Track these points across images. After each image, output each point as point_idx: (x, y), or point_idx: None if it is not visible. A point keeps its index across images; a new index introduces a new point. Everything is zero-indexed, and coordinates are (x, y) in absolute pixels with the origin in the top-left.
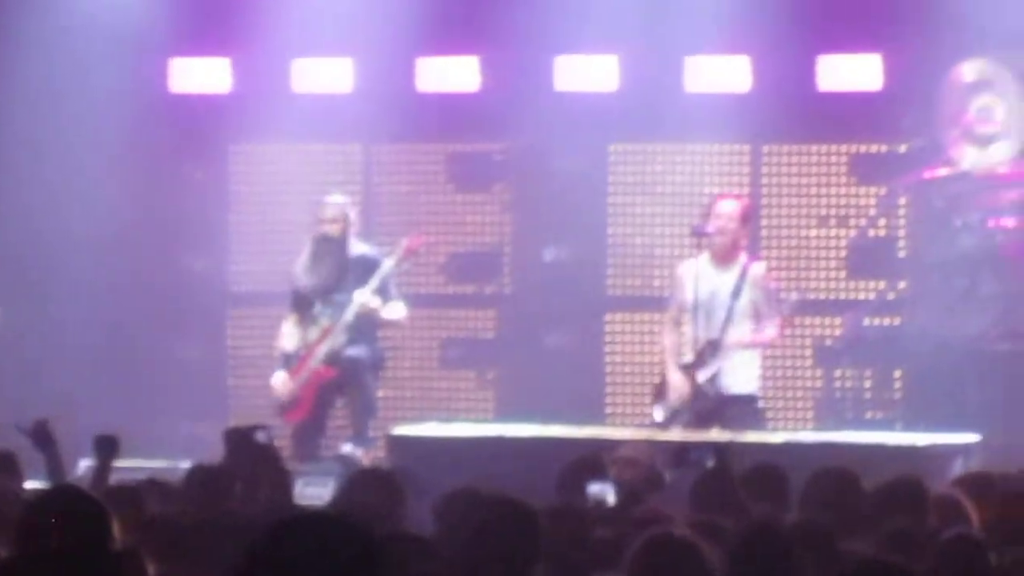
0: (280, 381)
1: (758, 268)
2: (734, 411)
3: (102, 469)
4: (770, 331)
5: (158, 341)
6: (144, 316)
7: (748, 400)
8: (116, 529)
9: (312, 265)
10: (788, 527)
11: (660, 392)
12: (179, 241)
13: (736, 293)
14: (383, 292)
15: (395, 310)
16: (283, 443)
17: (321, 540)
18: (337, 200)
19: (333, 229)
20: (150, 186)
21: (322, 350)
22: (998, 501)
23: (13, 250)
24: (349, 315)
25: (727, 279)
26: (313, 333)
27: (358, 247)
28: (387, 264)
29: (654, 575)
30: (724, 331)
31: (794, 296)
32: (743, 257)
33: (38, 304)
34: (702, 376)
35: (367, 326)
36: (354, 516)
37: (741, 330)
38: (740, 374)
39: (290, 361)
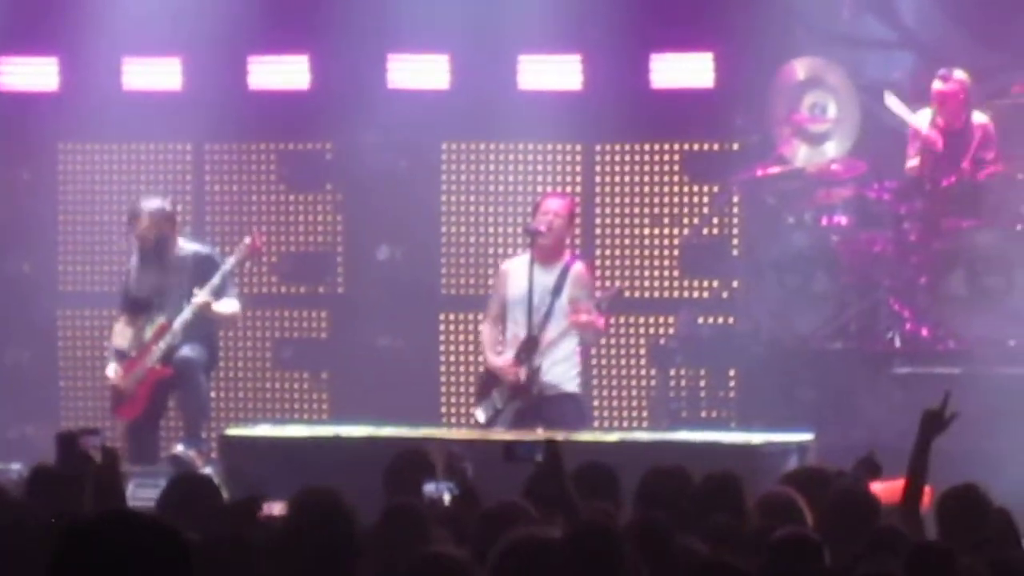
0: (113, 373)
1: (579, 267)
2: (555, 410)
3: None
4: (598, 320)
5: None
6: None
7: (571, 399)
8: None
9: (142, 270)
10: (622, 525)
11: (483, 389)
12: (6, 242)
13: (557, 291)
14: (220, 291)
15: (227, 305)
16: (116, 444)
17: (116, 543)
18: (150, 206)
19: (149, 235)
20: None
21: (158, 349)
22: (832, 499)
23: None
24: (187, 313)
25: (549, 278)
26: (148, 332)
27: (189, 246)
28: (229, 263)
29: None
30: (543, 328)
31: (615, 287)
32: (566, 256)
33: None
34: (521, 374)
35: (203, 326)
36: (160, 517)
37: (560, 324)
38: (559, 372)
39: (123, 357)
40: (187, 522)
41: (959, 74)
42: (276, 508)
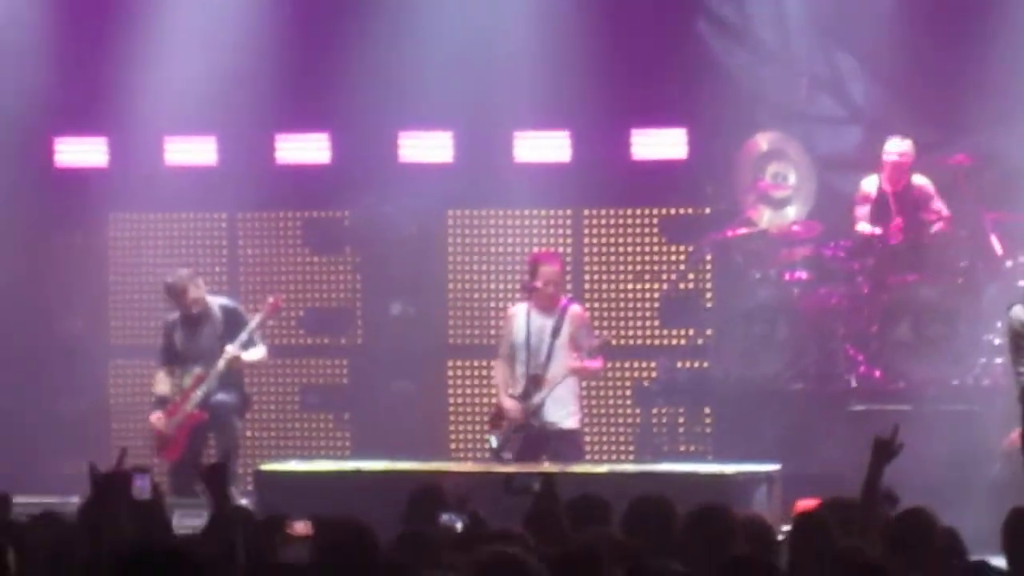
0: (156, 419)
1: (575, 308)
2: (556, 444)
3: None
4: (595, 362)
5: (40, 393)
6: (26, 371)
7: (569, 434)
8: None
9: (180, 326)
10: (606, 548)
11: (495, 422)
12: (62, 301)
13: (556, 332)
14: (248, 344)
15: (255, 353)
16: (161, 479)
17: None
18: (179, 280)
19: (194, 309)
20: (34, 250)
21: (195, 396)
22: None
23: None
24: (221, 365)
25: (548, 321)
26: (187, 380)
27: (216, 300)
28: (255, 320)
29: None
30: (546, 367)
31: (601, 337)
32: (563, 301)
33: None
34: (529, 407)
35: (235, 375)
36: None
37: (561, 363)
38: (560, 410)
39: (164, 403)
40: (228, 547)
41: (903, 144)
42: (299, 527)
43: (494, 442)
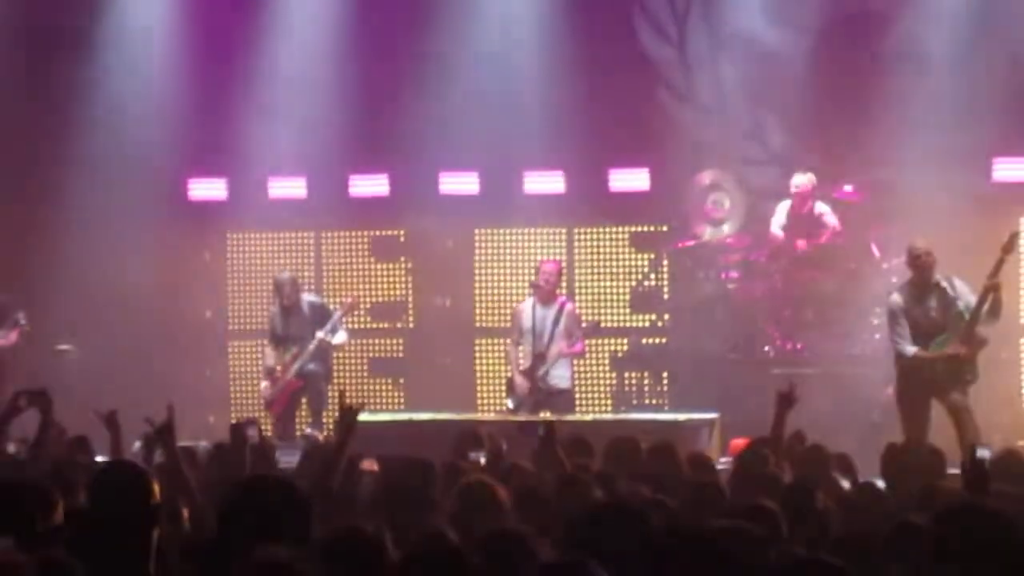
0: (265, 386)
1: (570, 306)
2: (556, 400)
3: (148, 451)
4: (578, 346)
5: (180, 365)
6: (170, 349)
7: (564, 393)
8: (156, 489)
9: (282, 319)
10: (591, 475)
11: (510, 389)
12: (194, 297)
13: (556, 321)
14: (333, 331)
15: (339, 337)
16: (269, 428)
17: (263, 496)
18: (284, 278)
19: (289, 299)
20: (174, 262)
21: (294, 368)
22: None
23: (86, 306)
24: (311, 346)
25: (550, 313)
26: (287, 356)
27: (308, 298)
28: (337, 314)
29: (463, 511)
30: (548, 347)
31: (594, 321)
32: (560, 298)
33: (100, 341)
34: (535, 376)
35: (323, 352)
36: (291, 478)
37: (559, 345)
38: (560, 374)
39: (272, 372)
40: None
41: (804, 178)
42: (367, 464)
43: (510, 404)
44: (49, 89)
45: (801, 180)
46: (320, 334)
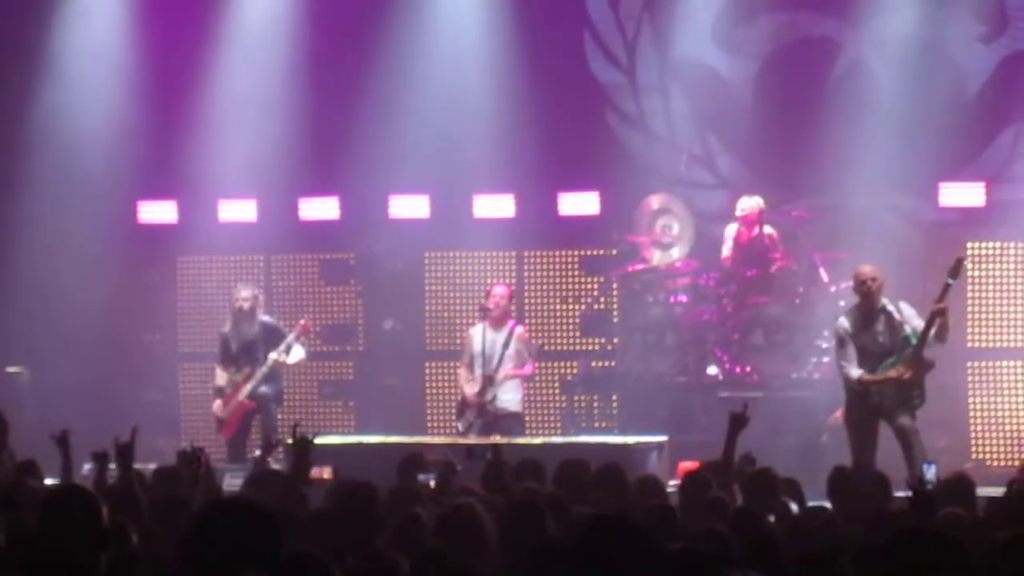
0: (217, 407)
1: (520, 329)
2: (506, 423)
3: (99, 471)
4: (527, 368)
5: (129, 388)
6: (119, 371)
7: (515, 416)
8: (105, 513)
9: (234, 330)
10: (542, 499)
11: (460, 411)
12: (143, 321)
13: (505, 344)
14: (287, 350)
15: (296, 354)
16: (219, 452)
17: (235, 519)
18: (245, 286)
19: (245, 305)
20: (123, 284)
21: (246, 389)
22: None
23: (36, 328)
24: (265, 367)
25: (499, 336)
26: (238, 376)
27: (266, 318)
28: (291, 336)
29: (455, 532)
30: (497, 369)
31: (537, 343)
32: (511, 322)
33: (48, 363)
34: (484, 399)
35: (275, 374)
36: (256, 499)
37: (508, 368)
38: (509, 398)
39: (221, 393)
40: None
41: (751, 202)
42: (318, 472)
43: (460, 427)
44: None
45: (748, 204)
46: (273, 355)
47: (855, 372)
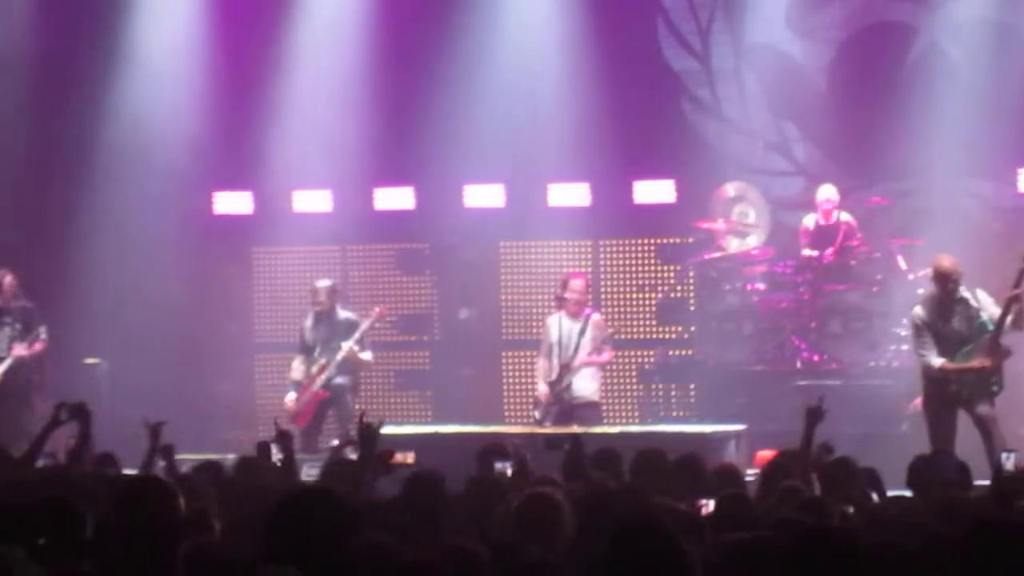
0: (290, 399)
1: (596, 317)
2: (583, 412)
3: (170, 464)
4: (605, 355)
5: (205, 379)
6: (195, 362)
7: (592, 405)
8: (181, 502)
9: (314, 328)
10: (618, 488)
11: (537, 401)
12: (219, 312)
13: (582, 332)
14: (360, 343)
15: (366, 355)
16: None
17: (312, 506)
18: (323, 284)
19: (323, 306)
20: (199, 276)
21: (321, 379)
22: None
23: (113, 320)
24: (339, 357)
25: (576, 325)
26: (314, 368)
27: (343, 312)
28: (365, 324)
29: (533, 521)
30: (574, 358)
31: (610, 332)
32: (587, 310)
33: (125, 354)
34: (561, 388)
35: (350, 364)
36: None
37: (584, 356)
38: (586, 386)
39: (297, 386)
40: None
41: (830, 190)
42: (399, 456)
43: (538, 416)
44: (76, 107)
45: (825, 193)
46: (347, 344)
47: (936, 360)
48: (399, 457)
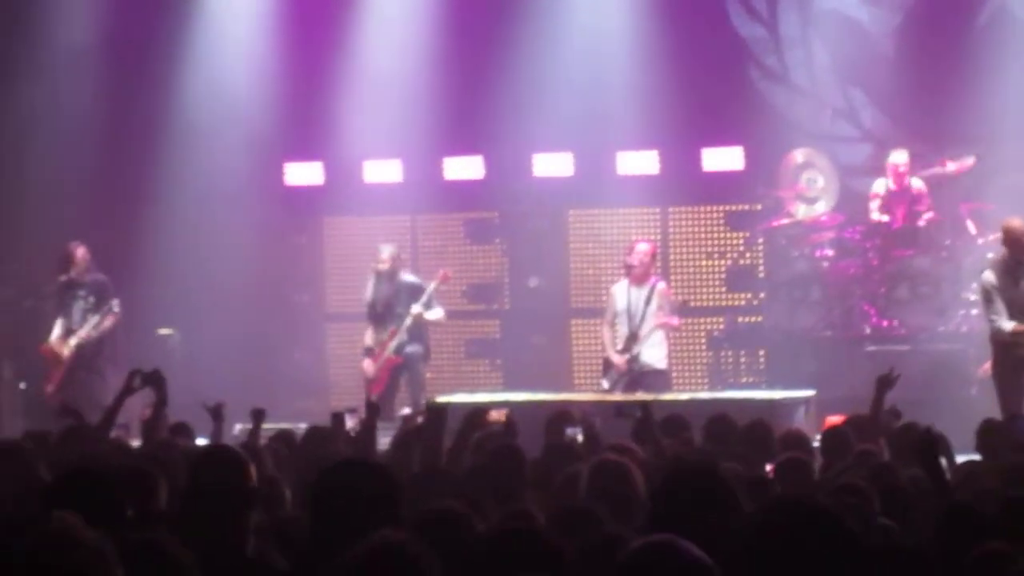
0: (367, 364)
1: (661, 284)
2: (651, 380)
3: (255, 430)
4: (673, 320)
5: (277, 348)
6: (267, 332)
7: (660, 373)
8: (253, 472)
9: (375, 290)
10: (691, 456)
11: (605, 369)
12: (290, 282)
13: (648, 301)
14: (427, 305)
15: (436, 313)
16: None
17: (353, 475)
18: (387, 247)
19: (384, 265)
20: (271, 246)
21: (391, 346)
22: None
23: (186, 291)
24: (408, 322)
25: (642, 293)
26: (383, 335)
27: (408, 277)
28: (431, 286)
29: (601, 487)
30: (640, 326)
31: (679, 299)
32: (652, 278)
33: (198, 325)
34: (629, 356)
35: (419, 330)
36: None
37: (651, 324)
38: (654, 354)
39: (371, 352)
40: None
41: (901, 156)
42: (494, 415)
43: (605, 384)
44: (151, 82)
45: (896, 158)
46: (415, 307)
47: (1007, 324)
48: (493, 415)
